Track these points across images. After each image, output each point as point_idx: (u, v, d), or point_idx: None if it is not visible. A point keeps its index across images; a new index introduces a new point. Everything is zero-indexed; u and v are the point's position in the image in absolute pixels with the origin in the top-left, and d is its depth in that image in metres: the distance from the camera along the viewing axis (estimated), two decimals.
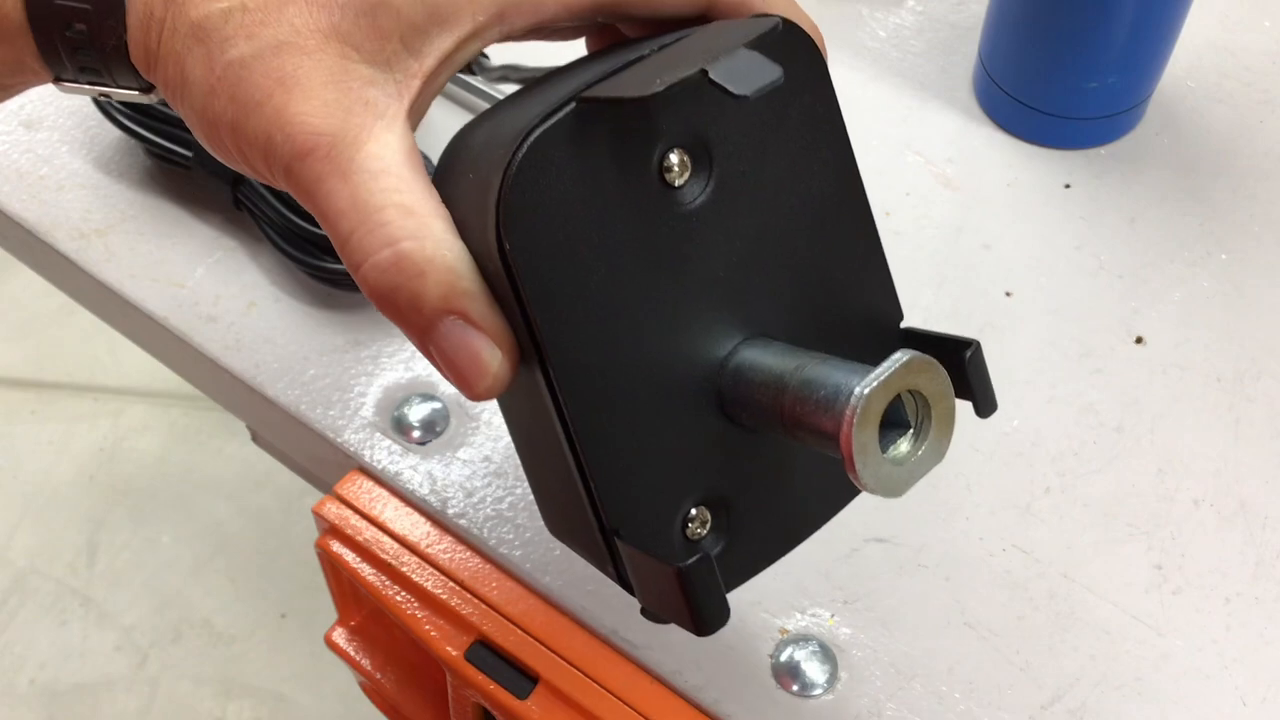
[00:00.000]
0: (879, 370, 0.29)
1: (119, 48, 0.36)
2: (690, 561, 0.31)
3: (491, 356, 0.32)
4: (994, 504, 0.57)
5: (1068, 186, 0.69)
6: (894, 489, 0.30)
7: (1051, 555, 0.55)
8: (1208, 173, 0.69)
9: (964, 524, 0.57)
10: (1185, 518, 0.56)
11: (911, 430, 0.31)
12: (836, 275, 0.36)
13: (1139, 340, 0.62)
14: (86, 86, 0.38)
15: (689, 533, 0.35)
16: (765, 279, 0.35)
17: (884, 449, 0.30)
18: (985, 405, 0.37)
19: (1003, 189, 0.69)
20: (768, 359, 0.33)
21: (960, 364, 0.36)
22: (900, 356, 0.30)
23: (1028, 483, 0.58)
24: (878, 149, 0.70)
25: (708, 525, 0.35)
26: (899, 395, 0.30)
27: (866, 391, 0.29)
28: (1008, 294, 0.64)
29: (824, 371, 0.31)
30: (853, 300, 0.36)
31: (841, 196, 0.36)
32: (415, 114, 0.35)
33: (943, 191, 0.68)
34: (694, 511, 0.34)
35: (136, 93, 0.37)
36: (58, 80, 0.38)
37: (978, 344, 0.36)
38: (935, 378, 0.31)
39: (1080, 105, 0.68)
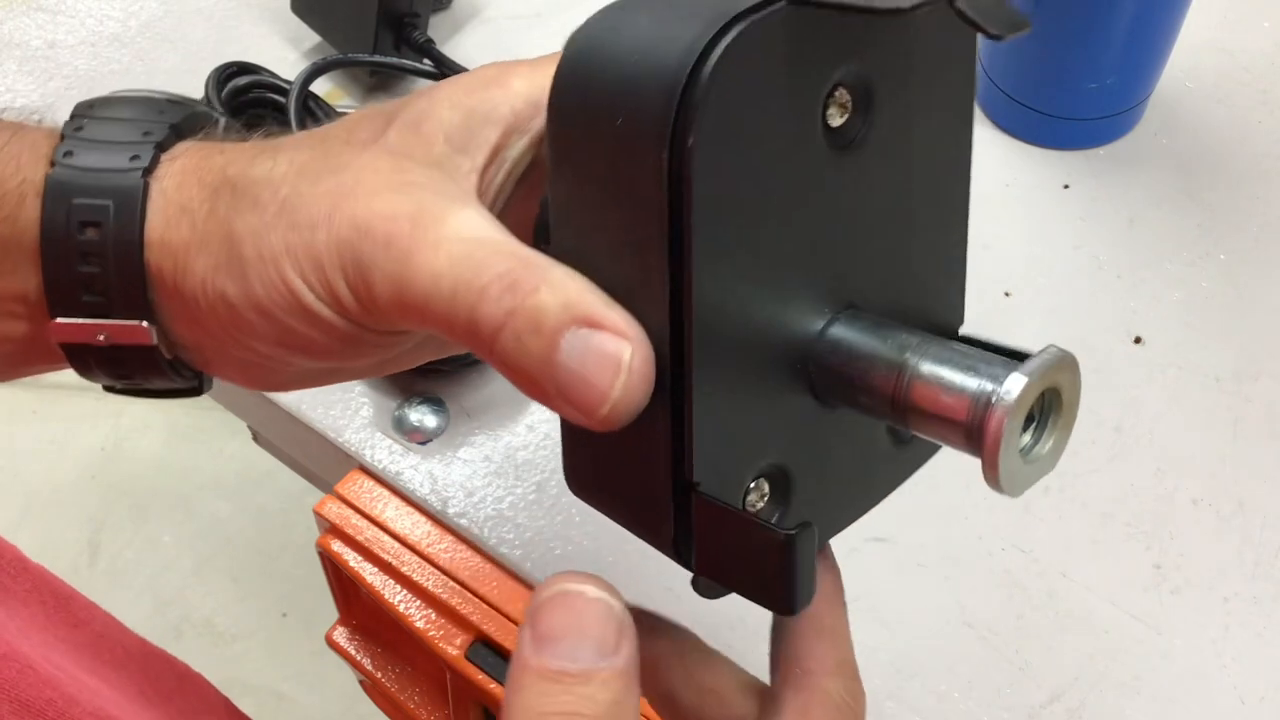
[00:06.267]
0: (1037, 362, 0.28)
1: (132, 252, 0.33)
2: (796, 529, 0.29)
3: (628, 354, 0.28)
4: (993, 503, 0.57)
5: (1066, 187, 0.69)
6: (1019, 485, 0.29)
7: (1050, 555, 0.56)
8: (1206, 173, 0.69)
9: (963, 523, 0.57)
10: (1184, 517, 0.57)
11: (1035, 426, 0.30)
12: (925, 267, 0.35)
13: (1138, 340, 0.62)
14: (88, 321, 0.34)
15: (747, 503, 0.33)
16: (869, 254, 0.33)
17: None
18: None
19: (1002, 189, 0.69)
20: (873, 336, 0.32)
21: None
22: (1056, 351, 0.29)
23: None
24: None
25: (765, 498, 0.33)
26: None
27: (1025, 383, 0.28)
28: (1007, 294, 0.64)
29: (952, 356, 0.30)
30: (929, 296, 0.36)
31: (954, 192, 0.36)
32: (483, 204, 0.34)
33: None
34: (752, 484, 0.32)
35: (142, 323, 0.34)
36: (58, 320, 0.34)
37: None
38: (1075, 380, 0.30)
39: (1079, 106, 0.68)
